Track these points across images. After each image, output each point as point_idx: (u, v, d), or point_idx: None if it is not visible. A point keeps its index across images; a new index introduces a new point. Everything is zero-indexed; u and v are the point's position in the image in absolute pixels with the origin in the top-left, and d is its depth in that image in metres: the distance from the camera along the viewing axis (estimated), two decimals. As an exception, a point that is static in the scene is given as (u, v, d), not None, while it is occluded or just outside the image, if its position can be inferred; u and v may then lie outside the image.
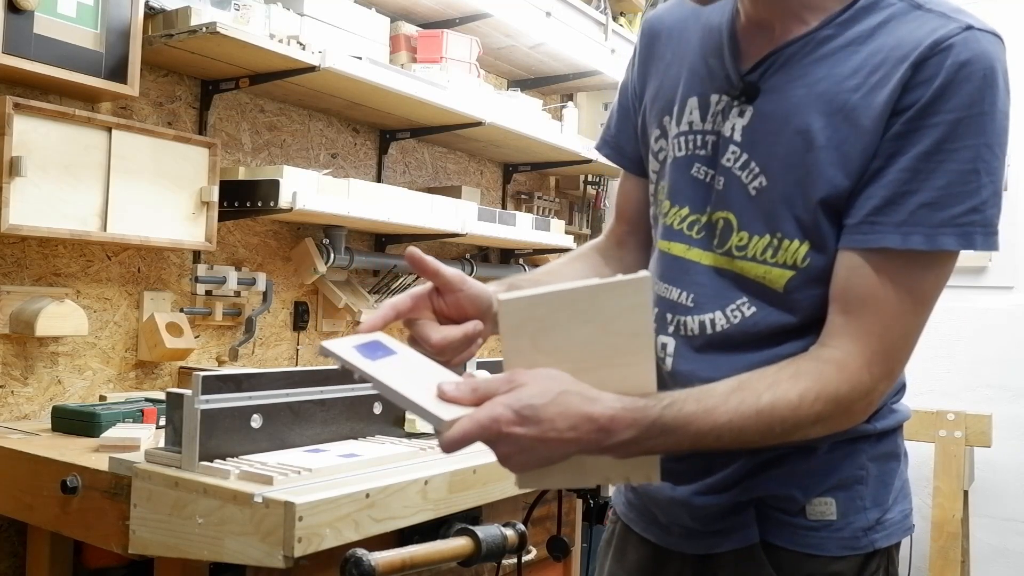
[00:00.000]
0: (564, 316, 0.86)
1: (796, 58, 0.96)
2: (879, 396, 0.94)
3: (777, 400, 0.88)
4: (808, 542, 1.00)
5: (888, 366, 0.92)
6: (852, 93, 0.92)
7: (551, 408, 0.82)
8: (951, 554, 3.01)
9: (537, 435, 0.81)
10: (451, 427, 0.82)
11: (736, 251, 0.99)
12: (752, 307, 0.99)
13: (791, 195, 0.95)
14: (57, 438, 1.74)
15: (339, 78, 2.21)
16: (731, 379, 0.91)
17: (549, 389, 0.83)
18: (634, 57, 1.18)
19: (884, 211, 0.90)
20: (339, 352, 0.87)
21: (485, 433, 0.81)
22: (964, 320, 3.29)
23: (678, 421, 0.86)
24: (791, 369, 0.91)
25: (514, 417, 0.81)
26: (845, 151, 0.91)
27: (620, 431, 0.83)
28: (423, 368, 0.90)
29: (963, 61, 0.88)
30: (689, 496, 1.04)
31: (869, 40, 0.93)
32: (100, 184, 1.89)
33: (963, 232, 0.89)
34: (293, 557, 1.23)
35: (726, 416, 0.87)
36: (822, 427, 0.92)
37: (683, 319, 1.03)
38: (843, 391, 0.90)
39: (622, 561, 1.16)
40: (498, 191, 3.43)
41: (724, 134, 1.00)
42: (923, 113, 0.88)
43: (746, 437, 0.89)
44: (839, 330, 0.93)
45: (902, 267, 0.91)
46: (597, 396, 0.84)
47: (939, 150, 0.88)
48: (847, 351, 0.91)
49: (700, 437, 0.87)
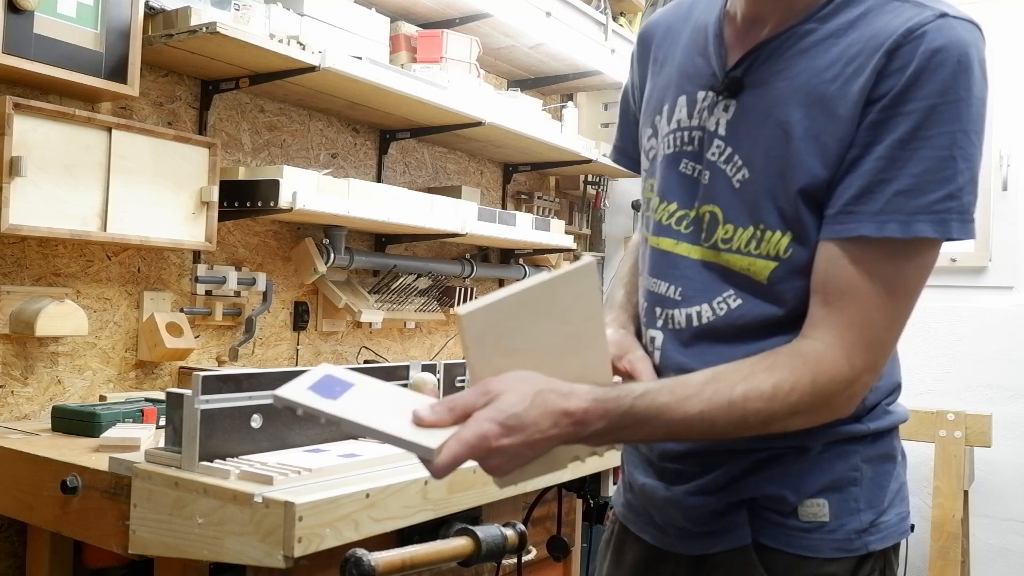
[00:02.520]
0: (521, 316, 0.87)
1: (778, 52, 0.98)
2: (862, 388, 0.94)
3: (750, 391, 0.89)
4: (800, 544, 0.99)
5: (870, 357, 0.92)
6: (830, 84, 0.93)
7: (532, 411, 0.84)
8: (951, 554, 3.01)
9: (524, 441, 0.84)
10: (439, 453, 0.82)
11: (722, 244, 1.01)
12: (738, 299, 1.00)
13: (773, 187, 0.96)
14: (57, 438, 1.74)
15: (339, 78, 2.21)
16: (707, 370, 0.93)
17: (526, 392, 0.85)
18: (632, 64, 1.21)
19: (861, 200, 0.90)
20: (296, 398, 0.84)
21: (475, 452, 0.83)
22: (964, 320, 3.29)
23: (649, 412, 0.88)
24: (768, 361, 0.92)
25: (500, 430, 0.83)
26: (823, 141, 0.92)
27: (593, 422, 0.86)
28: (386, 394, 0.89)
29: (936, 48, 0.88)
30: (683, 496, 1.05)
31: (848, 32, 0.94)
32: (100, 184, 1.89)
33: (939, 219, 0.89)
34: (293, 557, 1.23)
35: (698, 407, 0.89)
36: (801, 419, 0.92)
37: (671, 312, 1.05)
38: (821, 382, 0.90)
39: (620, 561, 1.17)
40: (498, 191, 3.43)
41: (709, 129, 1.02)
42: (897, 101, 0.89)
43: (720, 428, 0.90)
44: (819, 321, 0.93)
45: (881, 256, 0.91)
46: (570, 390, 0.87)
47: (914, 137, 0.88)
48: (827, 342, 0.91)
49: (672, 427, 0.89)
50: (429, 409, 0.85)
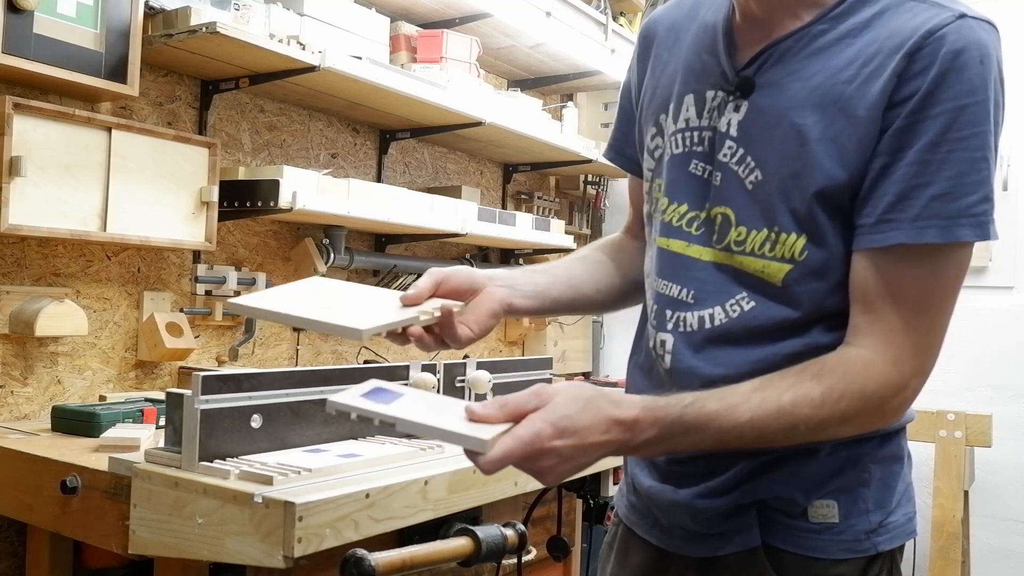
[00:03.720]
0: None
1: (791, 53, 0.97)
2: (913, 393, 0.93)
3: (799, 398, 0.89)
4: (810, 545, 0.99)
5: (918, 361, 0.92)
6: (847, 85, 0.92)
7: (584, 416, 0.85)
8: (951, 554, 3.01)
9: (576, 444, 0.84)
10: (492, 446, 0.83)
11: (735, 246, 1.00)
12: (752, 301, 0.99)
13: (787, 189, 0.95)
14: (57, 438, 1.74)
15: (339, 78, 2.21)
16: (755, 379, 0.92)
17: (578, 396, 0.86)
18: (633, 61, 1.19)
19: (898, 207, 0.90)
20: (352, 403, 0.88)
21: (528, 449, 0.83)
22: (964, 320, 3.28)
23: (700, 419, 0.88)
24: (815, 368, 0.92)
25: (553, 431, 0.84)
26: (841, 143, 0.92)
27: (644, 430, 0.87)
28: (435, 401, 0.93)
29: (958, 49, 0.88)
30: (691, 499, 1.04)
31: (863, 32, 0.93)
32: (100, 184, 1.89)
33: (978, 222, 0.89)
34: (293, 557, 1.23)
35: (748, 414, 0.88)
36: (851, 426, 0.92)
37: (683, 315, 1.03)
38: (870, 389, 0.90)
39: (624, 563, 1.16)
40: (498, 191, 3.43)
41: (720, 130, 1.01)
42: (923, 104, 0.88)
43: (769, 435, 0.90)
44: (863, 329, 0.92)
45: (920, 261, 0.90)
46: (620, 399, 0.88)
47: (945, 140, 0.88)
48: (873, 349, 0.91)
49: (722, 435, 0.89)
50: (481, 405, 0.86)
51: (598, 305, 1.24)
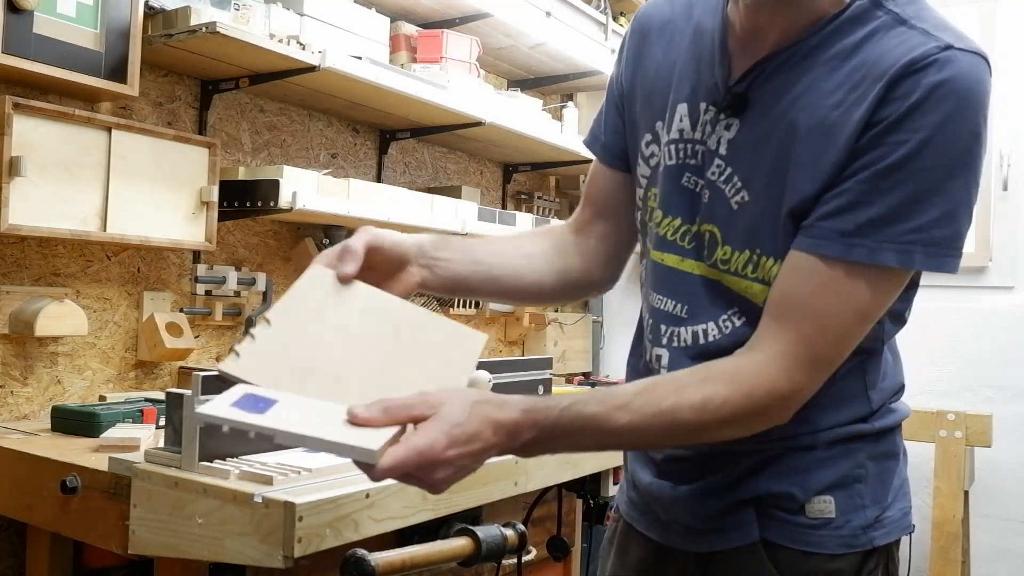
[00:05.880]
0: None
1: (782, 70, 0.96)
2: (798, 402, 0.94)
3: (680, 403, 0.90)
4: (807, 540, 1.00)
5: (811, 373, 0.93)
6: (833, 110, 0.92)
7: (472, 422, 0.84)
8: (951, 554, 3.00)
9: (467, 452, 0.84)
10: (382, 456, 0.79)
11: (721, 264, 1.01)
12: (742, 318, 1.00)
13: (771, 212, 0.95)
14: (57, 438, 1.74)
15: (339, 78, 2.21)
16: (644, 380, 0.95)
17: (465, 402, 0.85)
18: (622, 52, 1.16)
19: (834, 218, 0.90)
20: (223, 415, 0.81)
21: (421, 459, 0.81)
22: (964, 320, 3.29)
23: (576, 422, 0.89)
24: (703, 373, 0.93)
25: (448, 441, 0.82)
26: (820, 166, 0.92)
27: (523, 432, 0.87)
28: (313, 406, 0.85)
29: (938, 82, 0.87)
30: (689, 494, 1.05)
31: (853, 54, 0.92)
32: (100, 184, 1.89)
33: (903, 250, 0.89)
34: (293, 557, 1.23)
35: (626, 418, 0.89)
36: (732, 429, 0.93)
37: (677, 330, 1.04)
38: (757, 395, 0.91)
39: (624, 559, 1.17)
40: (498, 191, 3.43)
41: (710, 147, 1.00)
42: (891, 129, 0.88)
43: (650, 438, 0.92)
44: (768, 334, 0.93)
45: (842, 277, 0.91)
46: (503, 401, 0.87)
47: (900, 168, 0.88)
48: (769, 355, 0.92)
49: (601, 437, 0.90)
50: (363, 408, 0.83)
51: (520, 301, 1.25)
